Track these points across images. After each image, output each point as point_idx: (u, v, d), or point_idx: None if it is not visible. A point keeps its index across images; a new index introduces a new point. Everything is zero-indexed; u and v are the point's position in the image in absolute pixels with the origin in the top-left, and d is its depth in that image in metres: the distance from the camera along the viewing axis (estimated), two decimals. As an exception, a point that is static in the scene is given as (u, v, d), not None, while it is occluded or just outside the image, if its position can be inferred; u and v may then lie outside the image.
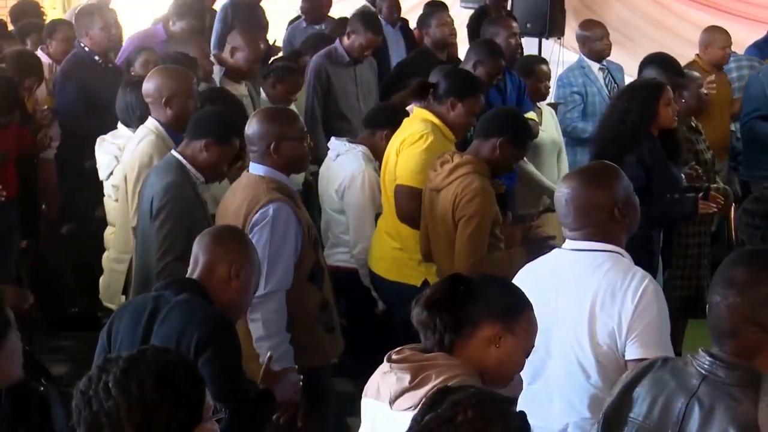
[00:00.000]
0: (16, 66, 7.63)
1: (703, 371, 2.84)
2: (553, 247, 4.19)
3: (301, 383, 4.77)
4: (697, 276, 6.75)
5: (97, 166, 6.38)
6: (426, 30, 8.62)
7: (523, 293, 3.35)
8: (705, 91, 7.11)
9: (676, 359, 3.01)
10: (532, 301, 3.40)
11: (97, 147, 6.40)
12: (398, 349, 3.29)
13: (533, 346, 3.34)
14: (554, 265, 4.00)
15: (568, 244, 3.97)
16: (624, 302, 3.71)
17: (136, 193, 5.65)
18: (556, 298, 3.75)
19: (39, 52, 8.60)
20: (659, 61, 7.08)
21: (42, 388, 4.84)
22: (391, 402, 3.18)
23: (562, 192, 3.95)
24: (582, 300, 3.75)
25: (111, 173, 6.24)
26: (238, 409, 3.92)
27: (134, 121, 6.24)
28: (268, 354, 4.56)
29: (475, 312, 3.22)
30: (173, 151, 5.38)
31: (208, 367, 3.82)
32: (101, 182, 6.45)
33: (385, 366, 3.28)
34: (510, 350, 3.25)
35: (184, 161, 5.29)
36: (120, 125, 6.37)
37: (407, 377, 3.17)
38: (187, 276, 4.16)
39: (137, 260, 5.48)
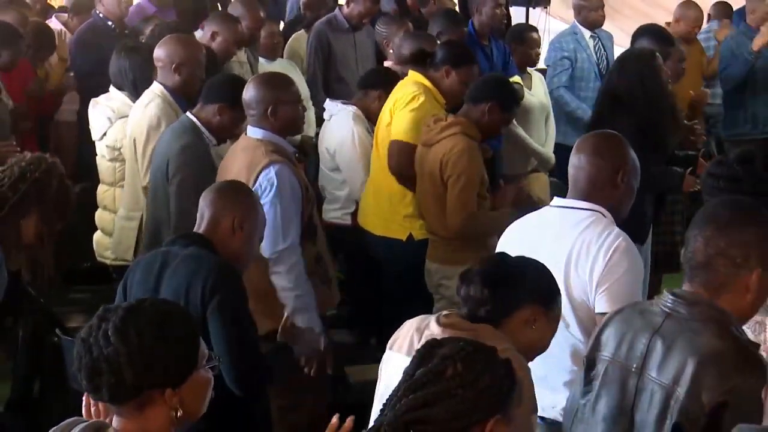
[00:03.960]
0: (34, 39, 7.67)
1: (667, 309, 2.91)
2: (538, 206, 4.22)
3: (322, 337, 4.80)
4: (672, 232, 6.80)
5: (90, 127, 6.37)
6: None
7: (554, 278, 3.40)
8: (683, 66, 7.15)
9: (645, 302, 3.10)
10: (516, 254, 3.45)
11: (90, 109, 6.38)
12: (446, 313, 3.29)
13: (557, 329, 3.40)
14: (539, 220, 4.03)
15: (556, 201, 3.99)
16: (596, 258, 3.73)
17: (146, 155, 5.66)
18: (538, 251, 3.73)
19: (54, 20, 8.60)
20: (651, 32, 7.06)
21: (56, 339, 4.90)
22: None
23: (572, 164, 3.96)
24: (559, 254, 3.77)
25: (104, 134, 6.23)
26: (246, 355, 3.95)
27: (127, 85, 6.24)
28: (285, 315, 4.54)
29: (519, 293, 3.27)
30: (188, 114, 5.41)
31: (215, 315, 3.85)
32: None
33: (434, 329, 3.21)
34: (543, 331, 3.32)
35: (198, 123, 5.33)
36: (112, 88, 6.35)
37: None
38: (194, 231, 4.16)
39: (148, 218, 5.50)
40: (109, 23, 7.92)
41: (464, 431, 2.50)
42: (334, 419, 2.90)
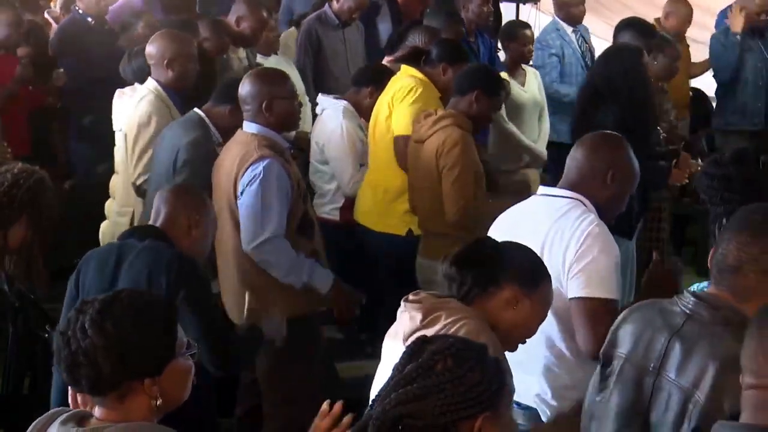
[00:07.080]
0: (27, 38, 7.63)
1: (687, 311, 2.87)
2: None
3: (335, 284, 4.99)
4: (658, 229, 6.80)
5: (113, 117, 6.29)
6: None
7: (544, 264, 3.44)
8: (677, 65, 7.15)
9: (664, 301, 3.02)
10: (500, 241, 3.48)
11: (115, 99, 6.28)
12: (416, 291, 3.34)
13: (545, 317, 3.41)
14: (524, 208, 4.05)
15: (541, 189, 4.01)
16: (569, 243, 3.73)
17: (136, 151, 5.68)
18: (518, 238, 3.72)
19: (46, 16, 8.55)
20: (634, 25, 7.04)
21: (46, 335, 4.86)
22: (404, 340, 3.19)
23: (569, 157, 3.98)
24: (536, 240, 3.77)
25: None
26: (220, 338, 4.09)
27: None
28: (247, 296, 4.67)
29: (500, 273, 3.30)
30: (197, 110, 5.43)
31: (184, 307, 3.83)
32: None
33: (400, 306, 3.30)
34: (525, 314, 3.33)
35: (207, 120, 5.36)
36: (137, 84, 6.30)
37: (419, 316, 3.21)
38: (150, 224, 4.26)
39: (148, 210, 5.45)
40: (89, 19, 7.87)
41: (452, 426, 2.49)
42: (325, 406, 2.94)
